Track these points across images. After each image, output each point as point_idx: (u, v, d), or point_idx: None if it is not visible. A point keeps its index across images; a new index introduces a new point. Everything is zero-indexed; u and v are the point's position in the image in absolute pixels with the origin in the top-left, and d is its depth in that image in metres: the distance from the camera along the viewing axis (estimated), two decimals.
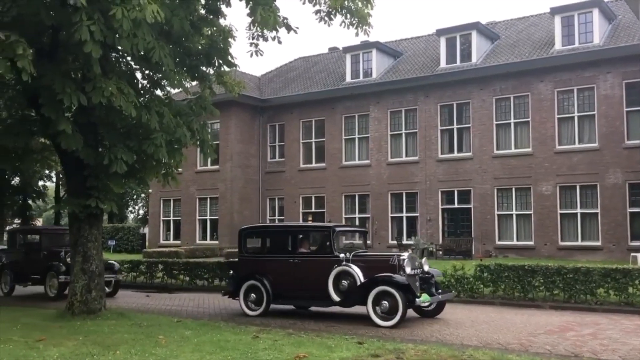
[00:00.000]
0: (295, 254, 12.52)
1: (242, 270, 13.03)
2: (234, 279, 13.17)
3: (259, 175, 33.16)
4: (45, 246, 17.84)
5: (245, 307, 12.67)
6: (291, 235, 12.98)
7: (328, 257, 11.96)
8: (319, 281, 11.73)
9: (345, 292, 11.52)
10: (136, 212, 62.66)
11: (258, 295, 12.53)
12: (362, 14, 12.35)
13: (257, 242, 13.71)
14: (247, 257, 13.24)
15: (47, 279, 16.67)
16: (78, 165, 11.83)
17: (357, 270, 11.48)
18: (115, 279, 17.06)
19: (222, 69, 13.57)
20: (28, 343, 8.83)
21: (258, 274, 12.60)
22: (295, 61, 37.95)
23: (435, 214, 27.46)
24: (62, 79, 10.17)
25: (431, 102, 28.04)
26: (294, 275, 12.28)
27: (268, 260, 12.87)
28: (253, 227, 15.37)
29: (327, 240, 12.22)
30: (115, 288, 17.10)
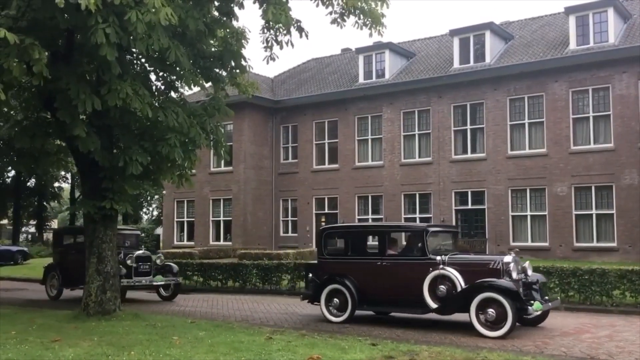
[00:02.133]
0: (383, 256, 11.63)
1: (323, 273, 12.21)
2: (313, 283, 12.34)
3: (272, 176, 33.22)
4: None
5: (327, 312, 11.89)
6: (378, 235, 12.13)
7: (422, 259, 11.08)
8: (412, 286, 10.92)
9: (443, 299, 10.59)
10: (150, 213, 63.00)
11: (341, 300, 11.72)
12: (375, 15, 12.33)
13: (339, 242, 12.98)
14: (328, 260, 12.36)
15: None
16: (93, 166, 11.92)
17: (456, 275, 10.56)
18: (175, 282, 16.38)
19: (235, 70, 13.61)
20: (44, 343, 8.91)
21: (341, 278, 11.79)
22: (308, 62, 37.99)
23: (449, 215, 27.33)
24: (77, 83, 10.26)
25: (444, 103, 27.93)
26: (382, 279, 11.48)
27: (352, 262, 12.05)
28: (335, 227, 14.43)
29: (419, 241, 11.36)
30: (175, 292, 16.40)
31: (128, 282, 15.28)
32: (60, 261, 17.26)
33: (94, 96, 10.21)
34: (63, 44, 11.24)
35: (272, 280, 17.77)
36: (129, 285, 15.42)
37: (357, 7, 12.41)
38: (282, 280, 17.70)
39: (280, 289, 17.57)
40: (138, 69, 12.34)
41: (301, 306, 14.45)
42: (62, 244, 17.87)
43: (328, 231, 12.95)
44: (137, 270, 15.75)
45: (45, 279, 17.34)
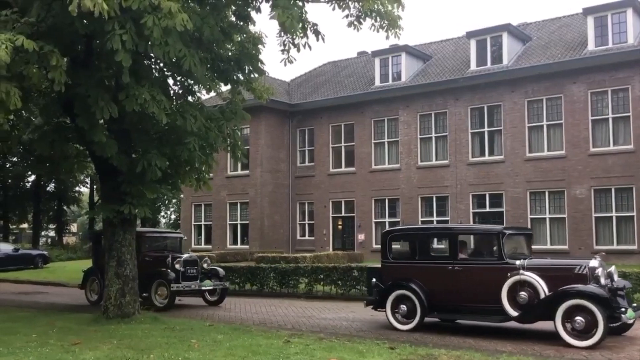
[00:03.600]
0: (455, 260, 10.98)
1: (388, 278, 11.64)
2: (377, 288, 11.71)
3: (289, 179, 33.27)
4: (144, 251, 16.04)
5: (394, 319, 11.32)
6: (449, 238, 11.39)
7: (499, 264, 10.46)
8: (488, 292, 10.34)
9: (524, 306, 9.97)
10: (168, 217, 63.37)
11: (409, 306, 11.14)
12: (392, 17, 12.31)
13: (405, 246, 12.33)
14: (394, 264, 11.80)
15: (153, 287, 15.01)
16: (112, 171, 12.03)
17: (539, 280, 9.94)
18: (222, 286, 15.86)
19: (252, 75, 13.67)
20: (64, 346, 9.00)
21: (408, 283, 11.21)
22: (324, 66, 38.03)
23: (466, 218, 27.14)
24: (96, 89, 10.36)
25: (461, 105, 27.80)
26: (454, 284, 10.85)
27: (420, 267, 11.41)
28: (401, 230, 13.71)
29: (494, 245, 10.80)
30: (221, 296, 15.89)
31: (178, 287, 14.77)
32: (101, 265, 16.20)
33: (112, 103, 10.29)
34: (82, 49, 11.36)
35: (289, 283, 17.79)
36: (178, 291, 14.91)
37: (373, 10, 12.41)
38: (300, 284, 17.71)
39: (298, 292, 17.58)
40: (156, 74, 12.43)
41: (318, 309, 14.47)
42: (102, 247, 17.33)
43: (393, 234, 12.29)
44: (185, 275, 15.21)
45: (85, 283, 16.88)
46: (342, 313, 13.80)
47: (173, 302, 14.87)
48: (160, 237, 17.57)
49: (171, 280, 14.75)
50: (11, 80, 8.93)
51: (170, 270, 14.96)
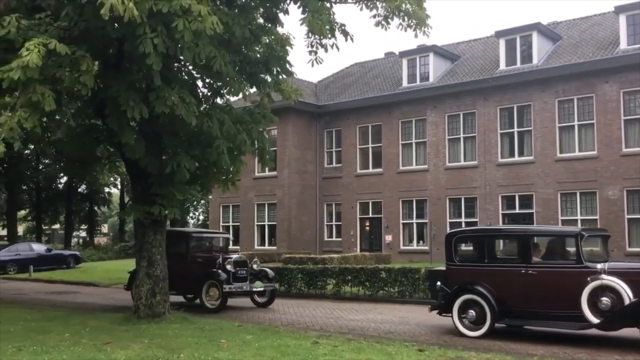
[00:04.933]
0: (528, 263, 10.41)
1: (454, 282, 11.13)
2: (443, 292, 11.20)
3: (316, 181, 33.31)
4: (193, 252, 15.77)
5: (461, 325, 10.79)
6: (522, 240, 10.75)
7: (577, 268, 9.93)
8: (566, 298, 9.86)
9: (607, 312, 9.43)
10: (196, 217, 63.99)
11: (478, 312, 10.57)
12: (420, 16, 12.25)
13: (473, 248, 11.79)
14: (460, 267, 11.27)
15: (204, 288, 14.66)
16: (142, 172, 12.17)
17: (623, 286, 9.39)
18: (272, 287, 15.50)
19: (280, 76, 13.72)
20: (96, 346, 9.13)
21: (477, 287, 10.69)
22: (352, 67, 38.00)
23: (496, 220, 26.85)
24: (127, 91, 10.51)
25: (490, 105, 27.51)
26: (528, 289, 10.33)
27: (489, 270, 10.87)
28: (467, 231, 13.15)
29: (572, 247, 10.29)
30: (271, 298, 15.49)
31: (230, 288, 14.41)
32: None
33: (142, 104, 10.43)
34: (113, 52, 11.53)
35: (317, 284, 17.80)
36: (230, 292, 14.51)
37: (401, 9, 12.37)
38: (327, 285, 17.71)
39: (325, 293, 17.58)
40: (185, 76, 12.55)
41: (346, 310, 14.45)
42: None
43: (459, 235, 11.81)
44: (235, 276, 14.81)
45: (131, 284, 15.98)
46: (370, 314, 13.77)
47: (225, 303, 14.49)
48: (207, 238, 17.36)
49: (223, 281, 14.36)
50: (44, 83, 9.11)
51: (221, 271, 14.60)
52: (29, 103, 8.93)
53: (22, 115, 8.94)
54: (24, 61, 8.24)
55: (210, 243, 17.03)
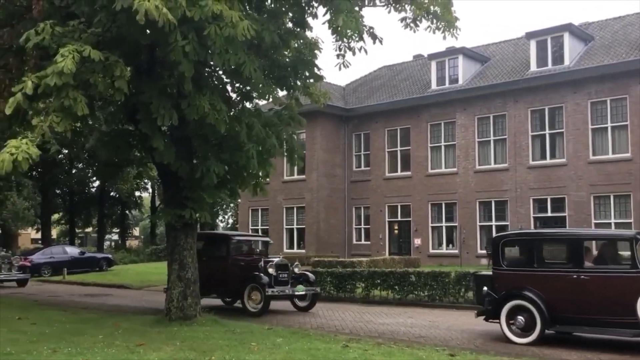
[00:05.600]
0: (580, 267, 10.11)
1: (501, 287, 10.83)
2: (489, 297, 10.91)
3: (345, 184, 33.30)
4: (234, 255, 15.67)
5: (509, 331, 10.50)
6: (573, 244, 10.43)
7: (633, 272, 9.62)
8: (620, 303, 9.56)
9: None
10: (226, 221, 64.46)
11: (527, 318, 10.29)
12: (449, 18, 12.21)
13: (521, 252, 11.46)
14: (508, 271, 10.93)
15: (246, 292, 14.50)
16: (173, 176, 12.32)
17: None
18: (313, 291, 15.20)
19: (309, 80, 13.77)
20: (129, 347, 9.25)
21: (526, 292, 10.41)
22: (380, 70, 37.93)
23: (527, 223, 26.50)
24: (158, 97, 10.65)
25: (521, 107, 27.18)
26: (580, 294, 9.99)
27: (539, 275, 10.59)
28: (515, 235, 12.77)
29: (626, 251, 10.06)
30: (312, 302, 15.20)
31: (272, 291, 14.23)
32: None
33: (173, 110, 10.56)
34: (145, 58, 11.70)
35: (346, 288, 17.78)
36: (273, 295, 14.32)
37: (429, 12, 12.34)
38: (356, 288, 17.67)
39: (354, 297, 17.55)
40: (216, 82, 12.68)
41: (375, 314, 14.41)
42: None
43: (506, 239, 11.46)
44: (277, 279, 14.65)
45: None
46: (399, 318, 13.70)
47: (267, 307, 14.29)
48: (248, 241, 17.30)
49: (265, 285, 14.18)
50: (78, 88, 9.28)
51: (263, 275, 14.41)
52: (62, 108, 9.10)
53: (55, 119, 9.11)
54: (59, 67, 8.40)
55: (250, 246, 16.93)
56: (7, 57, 10.76)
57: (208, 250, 16.12)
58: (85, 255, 32.31)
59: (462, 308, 15.17)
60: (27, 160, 8.41)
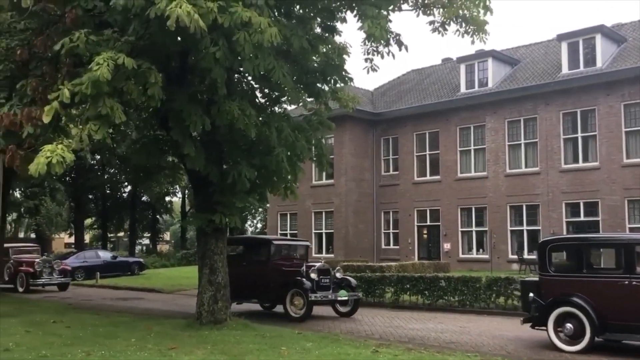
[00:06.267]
0: (632, 273, 9.84)
1: (549, 293, 10.58)
2: (536, 304, 10.65)
3: (373, 188, 33.22)
4: (275, 259, 15.38)
5: (557, 339, 10.23)
6: (624, 249, 10.10)
7: None
8: None
9: None
10: (254, 225, 64.81)
11: (576, 325, 10.00)
12: (478, 22, 12.15)
13: (569, 257, 11.19)
14: (555, 277, 10.66)
15: (288, 297, 14.28)
16: (204, 182, 12.45)
17: None
18: (356, 296, 14.98)
19: (337, 85, 13.79)
20: (161, 351, 9.36)
21: (574, 299, 10.12)
22: (408, 74, 37.80)
23: (559, 227, 26.09)
24: (189, 104, 10.79)
25: (552, 110, 26.80)
26: (632, 301, 9.71)
27: (588, 281, 10.30)
28: (562, 239, 12.35)
29: None
30: (354, 307, 14.94)
31: (315, 297, 14.00)
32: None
33: (205, 116, 10.68)
34: (176, 66, 11.86)
35: (375, 292, 17.71)
36: (315, 301, 14.09)
37: (458, 16, 12.28)
38: (386, 293, 17.59)
39: (384, 302, 17.47)
40: (245, 87, 12.79)
41: (405, 319, 14.33)
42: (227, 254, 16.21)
43: (553, 244, 11.12)
44: (319, 284, 14.41)
45: None
46: (429, 323, 13.60)
47: (309, 313, 14.06)
48: (288, 245, 17.12)
49: (307, 290, 13.95)
50: (112, 96, 9.45)
51: (305, 280, 14.22)
52: (99, 115, 9.27)
53: (92, 127, 9.28)
54: (95, 75, 8.57)
55: (290, 251, 16.70)
56: (41, 66, 10.98)
57: (248, 254, 16.12)
58: (117, 260, 32.65)
59: (494, 314, 15.01)
60: (61, 164, 8.56)
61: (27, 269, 23.16)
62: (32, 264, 23.17)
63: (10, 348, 9.63)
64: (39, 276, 22.98)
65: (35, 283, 22.91)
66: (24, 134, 10.00)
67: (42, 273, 23.11)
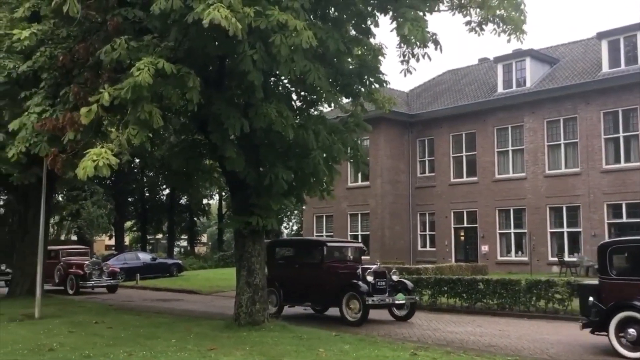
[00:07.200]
0: None
1: (609, 298, 10.22)
2: (596, 308, 10.30)
3: (409, 190, 33.05)
4: (329, 262, 15.02)
5: (618, 344, 9.85)
6: None
7: None
8: None
9: None
10: (290, 227, 65.05)
11: (639, 331, 9.67)
12: (515, 22, 11.99)
13: (631, 260, 10.73)
14: (617, 281, 10.33)
15: (344, 300, 13.92)
16: (241, 184, 12.56)
17: None
18: (412, 300, 14.65)
19: (373, 86, 13.77)
20: (201, 352, 9.47)
21: (637, 303, 9.76)
22: (444, 74, 37.50)
23: (601, 229, 25.52)
24: (227, 107, 10.92)
25: (593, 110, 26.26)
26: None
27: None
28: (625, 241, 11.76)
29: None
30: (411, 311, 14.60)
31: (372, 300, 13.58)
32: (278, 276, 15.62)
33: (243, 119, 10.79)
34: (214, 70, 12.01)
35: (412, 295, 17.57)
36: (372, 305, 13.67)
37: (495, 15, 12.15)
38: (423, 295, 17.46)
39: (421, 304, 17.32)
40: (281, 90, 12.87)
41: (443, 322, 14.21)
42: (279, 257, 16.59)
43: (614, 246, 10.75)
44: (375, 287, 13.96)
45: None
46: (468, 327, 13.46)
47: (366, 316, 13.69)
48: (341, 247, 16.85)
49: (364, 293, 13.55)
50: (151, 101, 9.62)
51: (361, 283, 13.81)
52: (138, 120, 9.45)
53: (132, 132, 9.47)
54: (137, 81, 8.74)
55: (343, 252, 16.44)
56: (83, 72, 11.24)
57: (300, 256, 15.97)
58: (156, 261, 33.11)
59: (534, 317, 14.78)
60: (107, 167, 8.76)
61: (76, 271, 23.49)
62: (81, 266, 23.48)
63: (54, 348, 9.89)
64: (89, 278, 23.28)
65: (84, 285, 23.25)
66: (65, 139, 10.23)
67: (91, 275, 23.39)
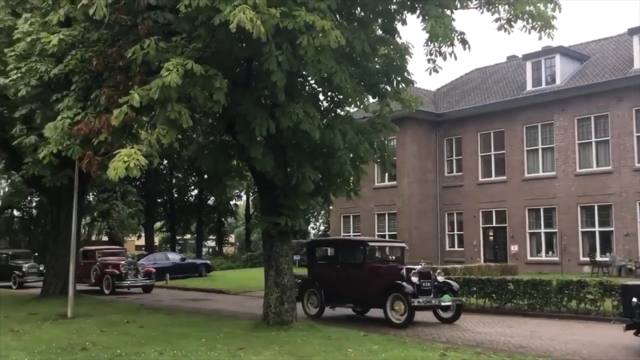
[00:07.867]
0: None
1: None
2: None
3: (437, 190, 32.82)
4: (371, 262, 14.83)
5: None
6: None
7: None
8: None
9: None
10: (317, 228, 65.10)
11: None
12: (545, 17, 11.81)
13: None
14: None
15: (388, 302, 13.57)
16: (269, 185, 12.64)
17: None
18: (459, 302, 14.20)
19: (400, 86, 13.73)
20: (230, 351, 9.55)
21: None
22: (471, 73, 37.16)
23: (634, 228, 25.03)
24: (254, 108, 11.00)
25: (625, 107, 25.76)
26: None
27: None
28: None
29: None
30: (457, 313, 14.14)
31: (418, 302, 13.22)
32: (319, 276, 15.47)
33: (269, 119, 10.86)
34: (242, 71, 12.09)
35: None
36: (418, 306, 13.33)
37: (525, 12, 12.00)
38: None
39: None
40: (308, 90, 12.91)
41: (472, 323, 14.09)
42: (319, 257, 16.45)
43: None
44: (419, 288, 13.60)
45: (302, 295, 15.53)
46: (497, 327, 13.33)
47: (411, 319, 13.32)
48: (383, 247, 16.62)
49: (409, 295, 13.18)
50: (180, 101, 9.73)
51: (406, 284, 13.45)
52: (167, 120, 9.56)
53: (161, 132, 9.58)
54: (166, 81, 8.84)
55: (385, 252, 16.12)
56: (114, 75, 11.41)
57: (341, 257, 15.69)
58: (185, 262, 33.38)
59: (565, 318, 14.58)
60: (138, 168, 8.88)
61: (112, 271, 23.69)
62: (117, 266, 23.67)
63: (87, 347, 10.07)
64: (125, 278, 23.45)
65: (120, 285, 23.44)
66: (95, 142, 10.39)
67: (127, 275, 23.55)
